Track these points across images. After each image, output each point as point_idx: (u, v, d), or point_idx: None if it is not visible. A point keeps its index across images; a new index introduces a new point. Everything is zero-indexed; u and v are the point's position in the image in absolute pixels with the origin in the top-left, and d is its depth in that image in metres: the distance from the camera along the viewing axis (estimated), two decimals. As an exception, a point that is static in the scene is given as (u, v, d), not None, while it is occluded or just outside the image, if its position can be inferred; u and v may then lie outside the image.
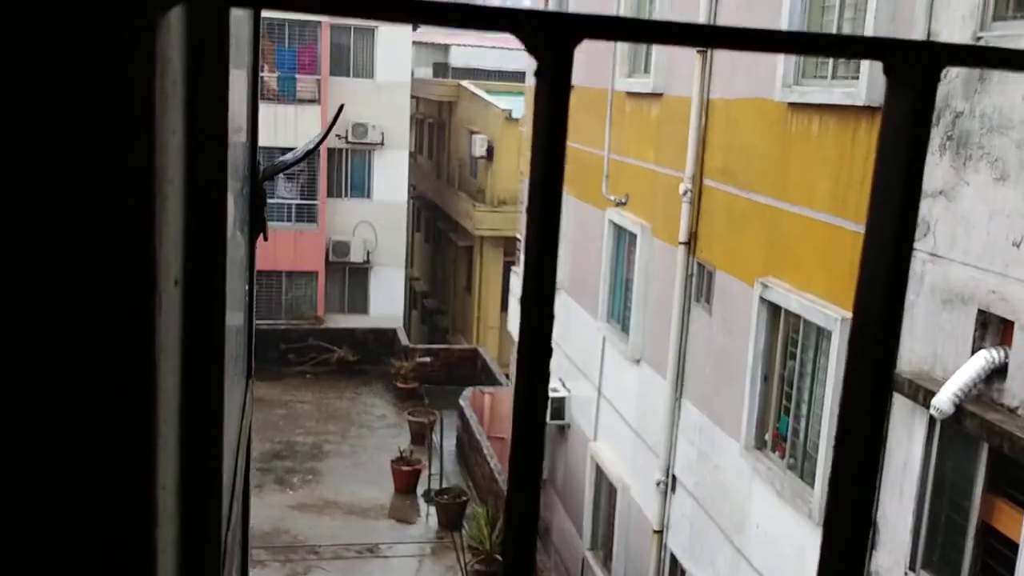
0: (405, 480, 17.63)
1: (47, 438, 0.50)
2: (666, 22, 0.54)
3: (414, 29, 27.29)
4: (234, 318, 1.28)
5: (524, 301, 0.60)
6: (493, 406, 19.00)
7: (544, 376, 0.56)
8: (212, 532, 0.92)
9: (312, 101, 25.35)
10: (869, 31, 7.32)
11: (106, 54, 0.46)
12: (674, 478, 10.95)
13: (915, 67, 0.58)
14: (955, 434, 6.40)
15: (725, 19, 9.92)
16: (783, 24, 8.57)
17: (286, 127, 24.53)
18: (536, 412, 0.56)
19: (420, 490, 17.66)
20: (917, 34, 6.81)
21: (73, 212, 0.47)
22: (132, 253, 0.50)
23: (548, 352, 0.57)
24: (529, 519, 0.54)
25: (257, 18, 1.66)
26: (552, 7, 15.60)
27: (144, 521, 0.55)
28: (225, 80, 0.77)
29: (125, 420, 0.52)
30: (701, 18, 10.16)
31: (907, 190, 0.58)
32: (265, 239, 1.73)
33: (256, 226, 1.64)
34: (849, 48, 0.58)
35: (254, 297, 1.83)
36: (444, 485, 17.21)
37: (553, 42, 0.54)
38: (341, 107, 2.92)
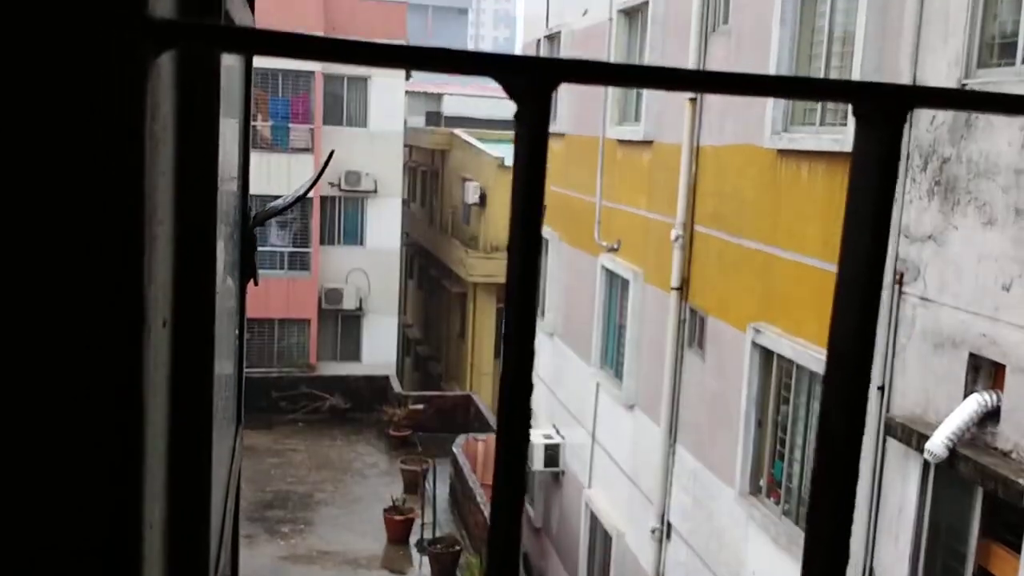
0: (398, 530, 17.43)
1: (31, 473, 0.51)
2: (639, 66, 0.56)
3: (407, 78, 27.57)
4: (224, 363, 1.28)
5: (506, 342, 0.61)
6: (487, 453, 18.87)
7: (526, 412, 0.57)
8: (200, 574, 0.92)
9: (305, 150, 25.51)
10: (860, 26, 7.41)
11: (98, 96, 0.48)
12: (669, 525, 10.86)
13: (882, 109, 0.60)
14: (949, 478, 6.38)
15: (715, 68, 10.06)
16: (775, 15, 8.65)
17: (279, 175, 24.65)
18: (519, 447, 0.56)
19: (413, 540, 17.45)
20: (903, 83, 6.92)
21: (63, 248, 0.48)
22: (121, 291, 0.51)
23: (529, 387, 0.57)
24: (511, 554, 0.54)
25: (248, 65, 1.68)
26: (544, 54, 15.77)
27: (130, 561, 0.56)
28: (215, 123, 0.78)
29: (112, 458, 0.53)
30: (690, 67, 10.30)
31: (876, 229, 0.60)
32: (255, 284, 1.74)
33: (247, 272, 1.65)
34: (818, 91, 0.61)
35: (244, 343, 1.84)
36: (437, 534, 17.02)
37: (531, 85, 0.55)
38: (331, 153, 2.94)
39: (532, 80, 0.55)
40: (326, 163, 2.90)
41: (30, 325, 0.48)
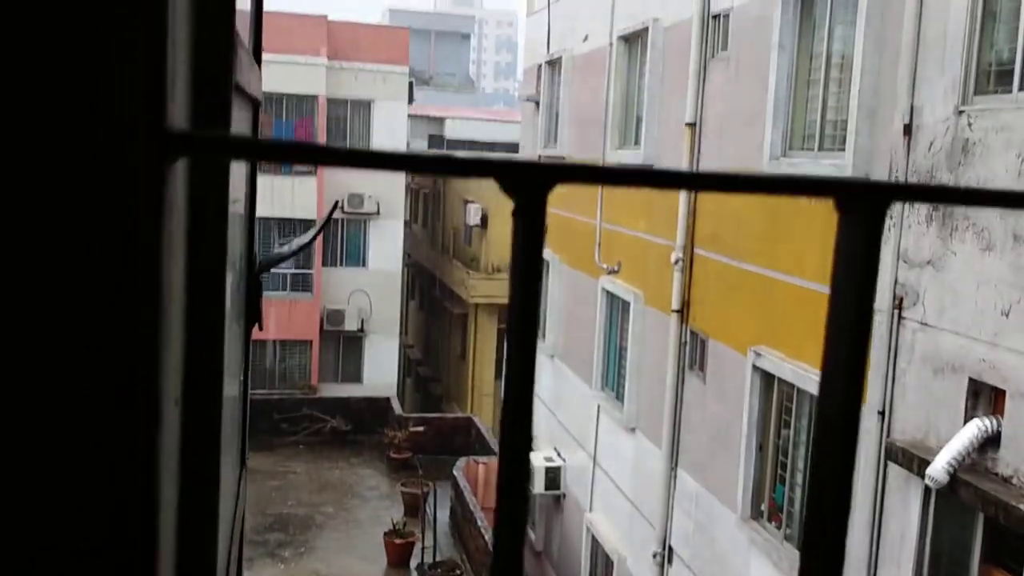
0: (398, 553, 17.37)
1: (49, 558, 0.53)
2: (633, 169, 0.59)
3: (410, 101, 27.73)
4: (228, 415, 1.31)
5: (504, 415, 0.64)
6: (487, 476, 18.83)
7: (527, 436, 0.59)
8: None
9: (308, 173, 25.62)
10: (853, 106, 7.49)
11: (119, 203, 0.51)
12: (670, 549, 10.83)
13: (863, 203, 0.63)
14: (950, 504, 6.38)
15: (713, 96, 10.13)
16: (769, 97, 8.75)
17: (283, 199, 24.74)
18: (520, 472, 0.59)
19: (414, 563, 17.38)
20: (901, 109, 6.97)
21: (82, 344, 0.51)
22: (138, 379, 0.54)
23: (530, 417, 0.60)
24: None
25: (256, 116, 1.72)
26: (545, 78, 15.89)
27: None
28: (224, 213, 0.81)
29: (127, 532, 0.55)
30: (689, 93, 10.37)
31: (858, 320, 0.63)
32: (260, 329, 1.77)
33: (251, 317, 1.68)
34: (800, 187, 0.63)
35: (248, 387, 1.87)
36: (438, 558, 16.96)
37: (528, 187, 0.59)
38: (336, 203, 2.99)
39: (529, 183, 0.58)
40: (331, 212, 2.95)
41: (52, 408, 0.51)
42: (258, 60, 1.64)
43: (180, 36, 0.62)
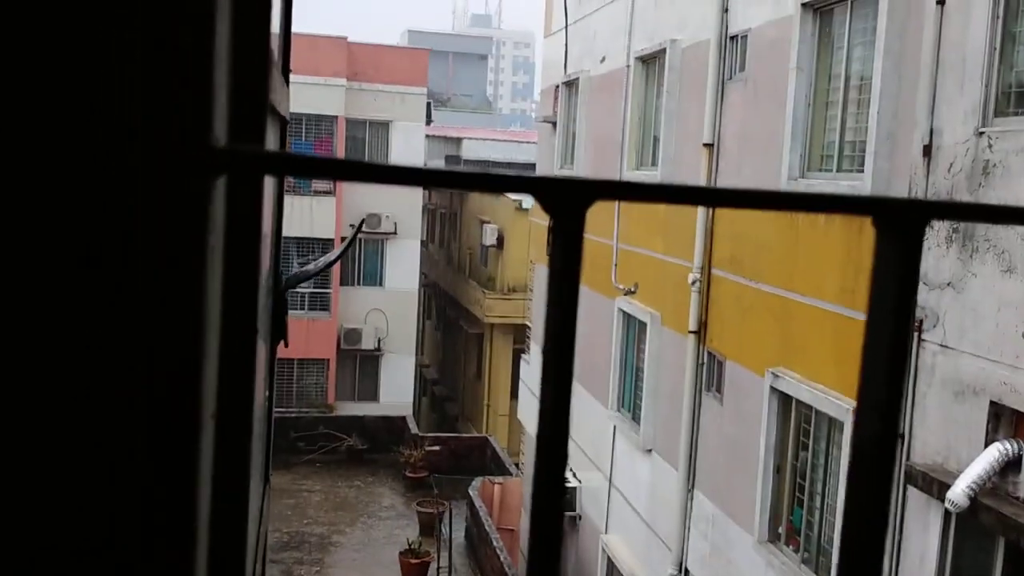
0: (413, 573, 17.31)
1: (81, 557, 0.54)
2: (668, 185, 0.59)
3: (428, 123, 27.88)
4: (256, 431, 1.31)
5: (539, 439, 0.64)
6: (503, 496, 18.77)
7: (561, 466, 0.59)
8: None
9: (327, 193, 25.77)
10: (872, 127, 7.47)
11: (166, 218, 0.51)
12: (687, 572, 10.75)
13: (901, 222, 0.63)
14: (971, 528, 6.31)
15: (731, 117, 10.14)
16: (787, 118, 8.75)
17: (302, 218, 24.88)
18: (553, 503, 0.59)
19: (429, 583, 17.31)
20: (920, 130, 6.95)
21: (127, 357, 0.52)
22: (181, 392, 0.54)
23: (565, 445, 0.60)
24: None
25: (284, 133, 1.74)
26: (562, 99, 15.95)
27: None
28: (258, 236, 0.82)
29: (165, 547, 0.56)
30: (707, 114, 10.38)
31: (896, 340, 0.62)
32: (286, 346, 1.78)
33: (277, 334, 1.69)
34: (839, 205, 0.63)
35: (273, 402, 1.87)
36: (454, 578, 16.88)
37: (567, 204, 0.59)
38: (362, 221, 3.01)
39: (569, 199, 0.58)
40: (356, 230, 2.96)
41: (98, 420, 0.51)
42: (286, 79, 1.66)
43: (221, 53, 0.63)
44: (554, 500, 0.61)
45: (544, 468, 0.61)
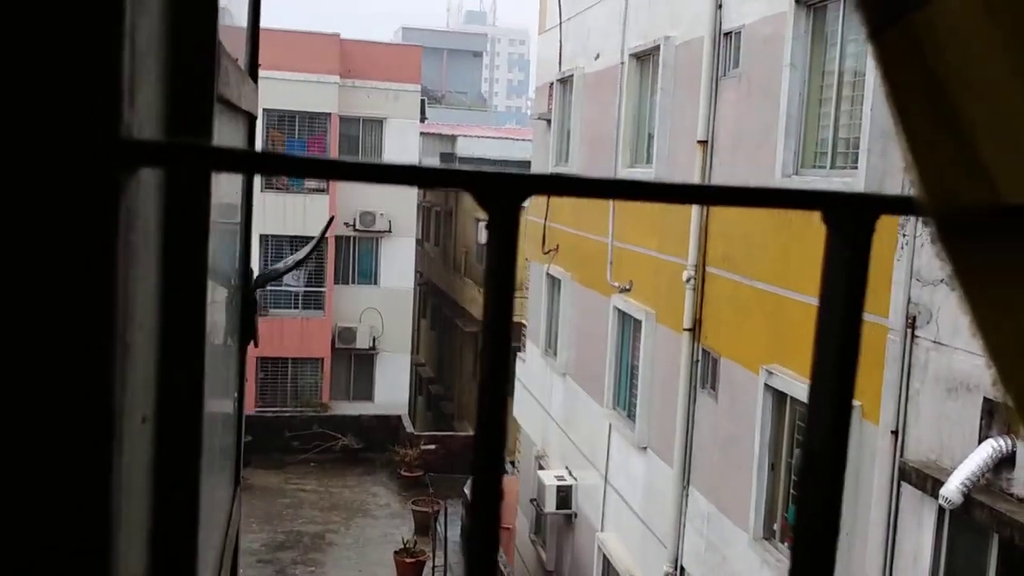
0: (409, 572, 17.30)
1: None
2: (607, 179, 0.57)
3: (422, 120, 27.83)
4: (217, 430, 1.29)
5: (477, 430, 0.62)
6: (499, 494, 18.73)
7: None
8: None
9: (320, 191, 25.72)
10: (866, 123, 7.46)
11: (69, 215, 0.49)
12: (682, 569, 10.74)
13: (851, 216, 0.61)
14: (965, 525, 6.30)
15: (725, 114, 10.12)
16: (781, 115, 8.73)
17: (295, 216, 24.85)
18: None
19: (425, 582, 17.30)
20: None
21: (29, 357, 0.50)
22: (90, 399, 0.52)
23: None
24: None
25: (252, 129, 1.71)
26: (557, 96, 15.92)
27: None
28: (203, 232, 0.80)
29: (81, 551, 0.53)
30: (701, 111, 10.36)
31: (847, 334, 0.61)
32: (256, 346, 1.76)
33: (247, 334, 1.67)
34: (787, 200, 0.61)
35: (243, 403, 1.85)
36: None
37: (501, 199, 0.57)
38: (331, 219, 2.99)
39: (502, 194, 0.56)
40: (326, 227, 2.94)
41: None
42: (254, 76, 1.64)
43: (147, 45, 0.61)
44: (492, 494, 0.59)
45: (482, 461, 0.60)
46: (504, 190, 0.57)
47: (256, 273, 1.77)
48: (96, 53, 0.47)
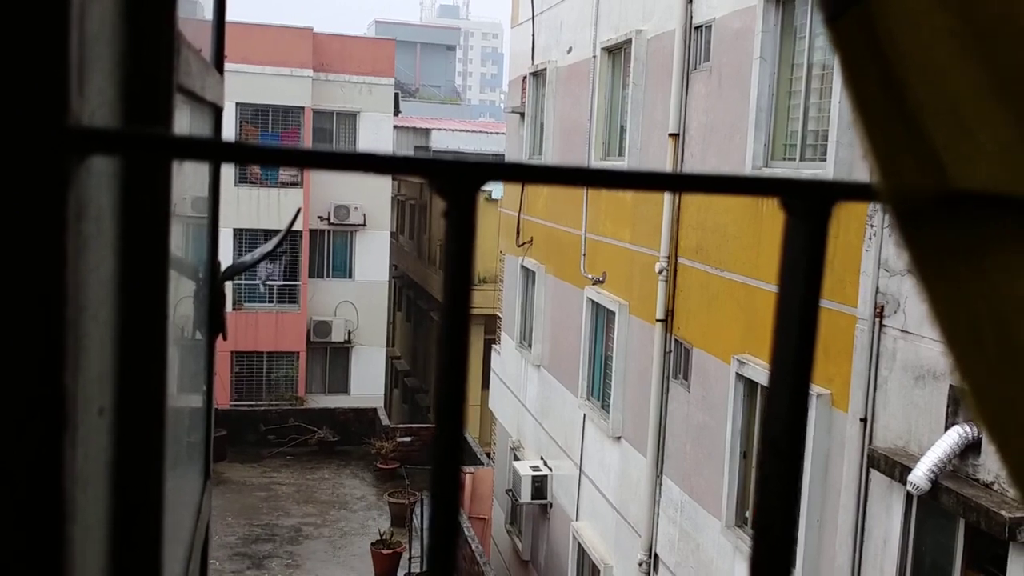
0: (385, 563, 17.29)
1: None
2: (561, 167, 0.57)
3: (396, 113, 27.73)
4: (185, 421, 1.28)
5: (436, 411, 0.63)
6: (474, 486, 18.77)
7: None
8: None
9: (294, 184, 25.57)
10: (835, 115, 7.52)
11: (14, 205, 0.48)
12: (656, 557, 10.81)
13: (808, 203, 0.62)
14: (932, 510, 6.39)
15: (696, 107, 10.16)
16: (751, 108, 8.78)
17: (269, 210, 24.70)
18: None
19: (401, 573, 17.30)
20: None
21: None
22: (40, 387, 0.51)
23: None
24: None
25: (218, 122, 1.70)
26: (530, 90, 15.92)
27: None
28: (165, 208, 0.79)
29: (34, 540, 0.53)
30: (673, 104, 10.40)
31: (804, 320, 0.61)
32: (224, 339, 1.75)
33: (215, 327, 1.66)
34: (747, 187, 0.62)
35: (212, 397, 1.84)
36: (425, 568, 16.88)
37: (457, 186, 0.57)
38: (298, 211, 2.98)
39: (458, 181, 0.57)
40: (292, 220, 2.92)
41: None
42: (220, 68, 1.63)
43: (99, 30, 0.60)
44: (451, 481, 0.59)
45: (441, 450, 0.60)
46: (460, 177, 0.57)
47: (224, 266, 1.77)
48: (40, 37, 0.47)
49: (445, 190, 0.57)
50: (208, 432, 1.69)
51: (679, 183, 0.60)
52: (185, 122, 1.14)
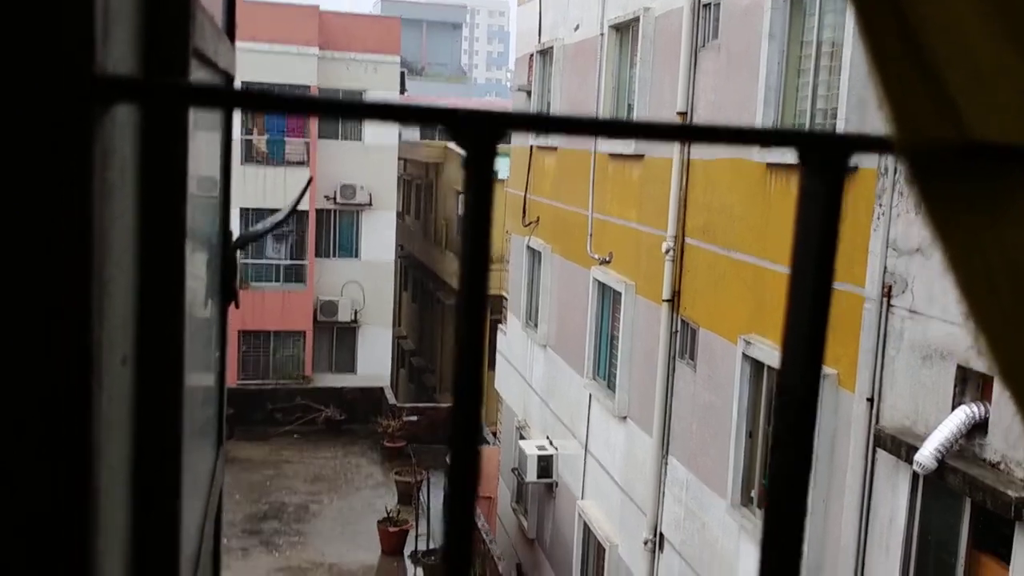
0: (392, 541, 17.40)
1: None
2: (579, 117, 0.58)
3: (401, 92, 27.65)
4: (199, 387, 1.29)
5: (455, 371, 0.63)
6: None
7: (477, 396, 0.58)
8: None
9: (301, 163, 25.55)
10: (843, 94, 7.48)
11: (43, 152, 0.49)
12: (661, 536, 10.86)
13: (825, 155, 0.62)
14: (939, 490, 6.40)
15: (704, 84, 10.12)
16: (760, 85, 8.74)
17: (275, 189, 24.69)
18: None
19: (407, 551, 17.42)
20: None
21: (7, 296, 0.50)
22: (67, 335, 0.52)
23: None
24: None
25: (230, 80, 1.70)
26: (536, 68, 15.86)
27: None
28: (183, 159, 0.80)
29: (58, 505, 0.54)
30: (680, 82, 10.35)
31: (820, 273, 0.62)
32: (236, 307, 1.76)
33: (227, 295, 1.67)
34: (764, 139, 0.62)
35: (225, 363, 1.85)
36: (432, 545, 17.00)
37: (478, 135, 0.57)
38: (310, 179, 2.98)
39: (479, 131, 0.57)
40: (305, 188, 2.92)
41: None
42: (231, 38, 1.63)
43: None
44: (470, 439, 0.60)
45: (459, 419, 0.60)
46: (481, 126, 0.57)
47: (236, 235, 1.78)
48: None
49: (466, 139, 0.57)
50: (221, 401, 1.70)
51: (696, 134, 0.60)
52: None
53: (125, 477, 0.69)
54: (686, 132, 0.59)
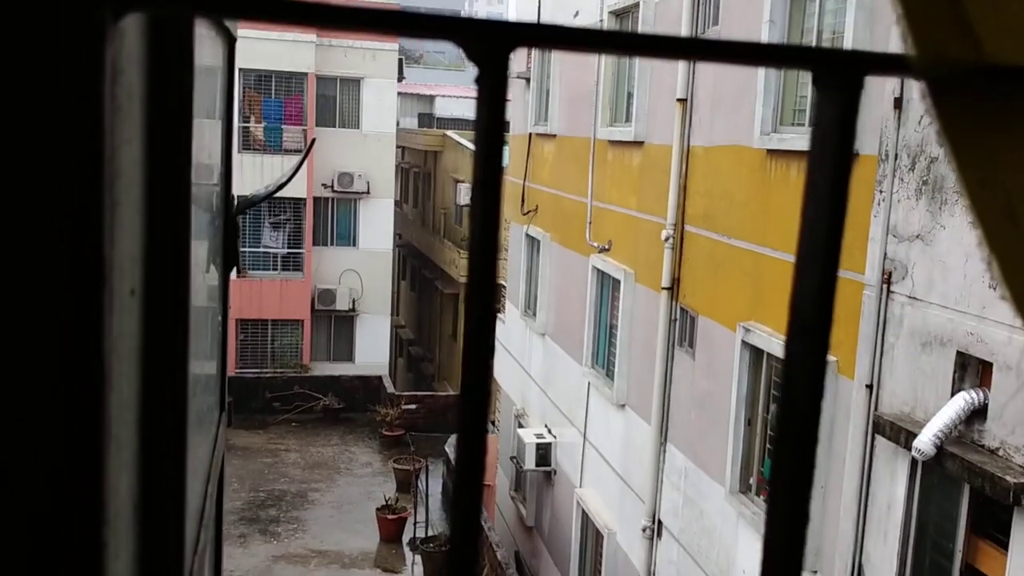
0: (391, 528, 17.43)
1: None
2: (596, 30, 0.57)
3: (399, 79, 27.58)
4: (204, 344, 1.29)
5: (467, 306, 0.62)
6: (479, 454, 18.88)
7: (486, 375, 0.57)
8: (173, 551, 0.92)
9: (298, 151, 25.49)
10: (849, 26, 7.42)
11: (52, 59, 0.48)
12: (660, 523, 10.88)
13: (839, 74, 0.61)
14: (937, 476, 6.41)
15: (704, 70, 10.09)
16: (764, 16, 8.66)
17: (273, 176, 24.61)
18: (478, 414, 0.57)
19: (406, 538, 17.45)
20: (891, 83, 6.94)
21: (19, 207, 0.49)
22: (80, 254, 0.51)
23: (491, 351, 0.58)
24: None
25: (231, 52, 1.69)
26: (535, 56, 15.81)
27: (92, 530, 0.56)
28: (188, 92, 0.79)
29: (70, 425, 0.53)
30: (680, 69, 10.33)
31: (835, 196, 0.61)
32: (239, 274, 1.76)
33: (230, 259, 1.66)
34: (776, 56, 0.61)
35: (227, 328, 1.85)
36: (430, 533, 17.03)
37: (490, 48, 0.56)
38: (312, 141, 2.96)
39: (491, 43, 0.56)
40: (308, 149, 2.91)
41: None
42: None
43: None
44: (479, 393, 0.59)
45: (471, 375, 0.59)
46: (493, 39, 0.56)
47: (237, 199, 1.77)
48: None
49: (477, 52, 0.56)
50: (223, 365, 1.69)
51: (712, 51, 0.59)
52: (204, 47, 1.13)
53: (134, 415, 0.68)
54: (696, 47, 0.58)
